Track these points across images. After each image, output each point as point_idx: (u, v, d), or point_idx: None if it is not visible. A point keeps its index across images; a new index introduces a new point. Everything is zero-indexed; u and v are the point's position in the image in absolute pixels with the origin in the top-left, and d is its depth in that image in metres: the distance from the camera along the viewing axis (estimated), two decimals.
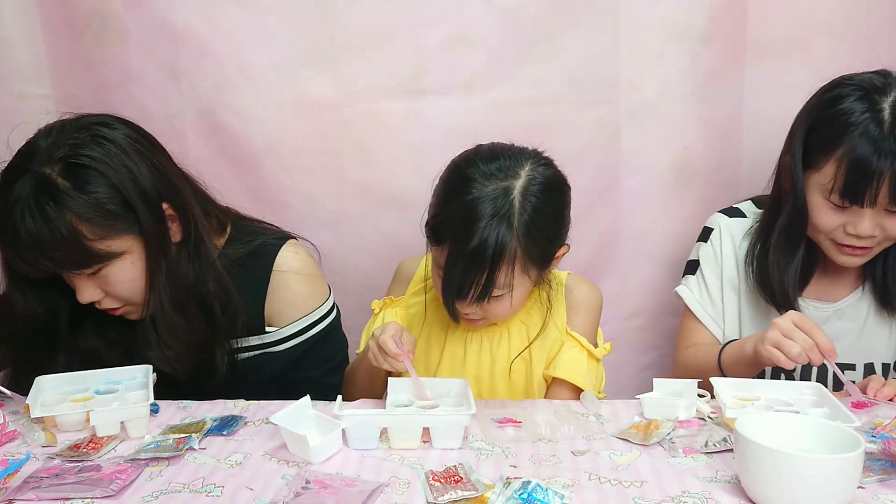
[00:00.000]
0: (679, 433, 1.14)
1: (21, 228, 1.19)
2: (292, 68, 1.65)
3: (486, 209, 1.21)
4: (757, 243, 1.46)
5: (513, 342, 1.39)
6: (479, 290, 1.23)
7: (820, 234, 1.36)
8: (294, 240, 1.46)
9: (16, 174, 1.21)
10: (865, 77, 1.32)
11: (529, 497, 0.95)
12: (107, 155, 1.22)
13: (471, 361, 1.40)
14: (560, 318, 1.39)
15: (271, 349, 1.41)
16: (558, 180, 1.31)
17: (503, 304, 1.28)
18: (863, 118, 1.26)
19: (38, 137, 1.24)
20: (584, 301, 1.42)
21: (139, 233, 1.25)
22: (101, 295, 1.27)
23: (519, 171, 1.25)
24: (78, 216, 1.19)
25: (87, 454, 1.09)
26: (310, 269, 1.44)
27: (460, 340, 1.41)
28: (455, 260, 1.23)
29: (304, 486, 0.99)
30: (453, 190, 1.27)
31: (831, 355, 1.19)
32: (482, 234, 1.20)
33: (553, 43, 1.65)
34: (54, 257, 1.21)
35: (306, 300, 1.42)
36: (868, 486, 0.98)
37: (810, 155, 1.33)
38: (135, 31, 1.62)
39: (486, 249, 1.20)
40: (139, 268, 1.27)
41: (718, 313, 1.51)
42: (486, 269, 1.22)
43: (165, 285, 1.28)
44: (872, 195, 1.26)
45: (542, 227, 1.25)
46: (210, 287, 1.33)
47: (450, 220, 1.25)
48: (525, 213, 1.23)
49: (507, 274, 1.24)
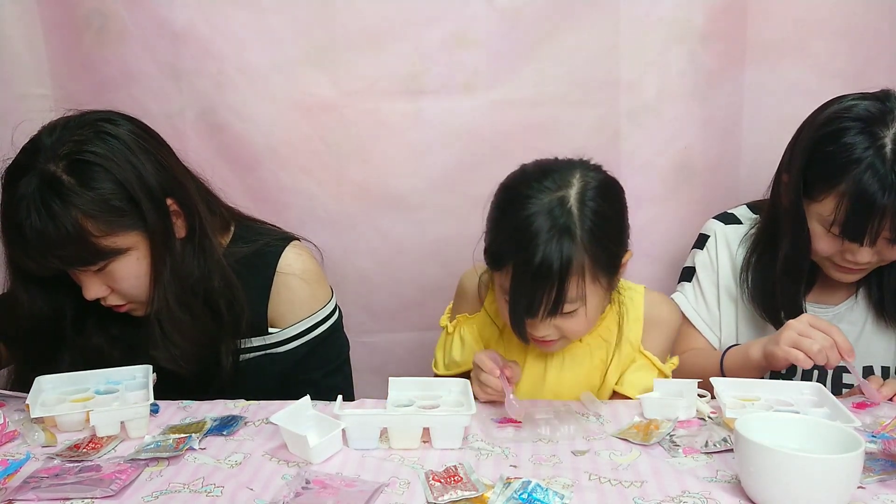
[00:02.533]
0: (679, 433, 1.14)
1: (27, 226, 1.19)
2: (292, 68, 1.65)
3: (544, 222, 1.17)
4: (751, 256, 1.46)
5: (594, 359, 1.35)
6: (549, 305, 1.18)
7: (819, 257, 1.37)
8: (298, 241, 1.46)
9: (21, 172, 1.21)
10: (863, 108, 1.28)
11: (529, 497, 0.95)
12: (111, 151, 1.22)
13: (551, 379, 1.36)
14: (635, 335, 1.35)
15: (273, 350, 1.41)
16: (612, 182, 1.27)
17: (578, 319, 1.23)
18: (866, 155, 1.23)
19: (42, 134, 1.24)
20: (666, 322, 1.39)
21: (144, 229, 1.25)
22: (107, 291, 1.27)
23: (571, 180, 1.21)
24: (83, 213, 1.19)
25: (87, 454, 1.09)
26: (313, 272, 1.44)
27: (541, 359, 1.36)
28: (521, 280, 1.18)
29: (304, 486, 0.99)
30: (508, 211, 1.22)
31: (850, 355, 1.19)
32: (545, 249, 1.15)
33: (553, 43, 1.65)
34: (60, 254, 1.21)
35: (309, 302, 1.42)
36: (868, 486, 0.98)
37: (810, 186, 1.31)
38: (135, 30, 1.62)
39: (551, 264, 1.15)
40: (144, 264, 1.27)
41: (714, 320, 1.51)
42: (556, 284, 1.16)
43: (170, 281, 1.28)
44: (873, 233, 1.25)
45: (605, 232, 1.20)
46: (215, 283, 1.33)
47: (509, 241, 1.20)
48: (586, 219, 1.18)
49: (578, 285, 1.18)
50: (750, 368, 1.32)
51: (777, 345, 1.23)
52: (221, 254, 1.35)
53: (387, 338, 1.83)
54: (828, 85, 1.50)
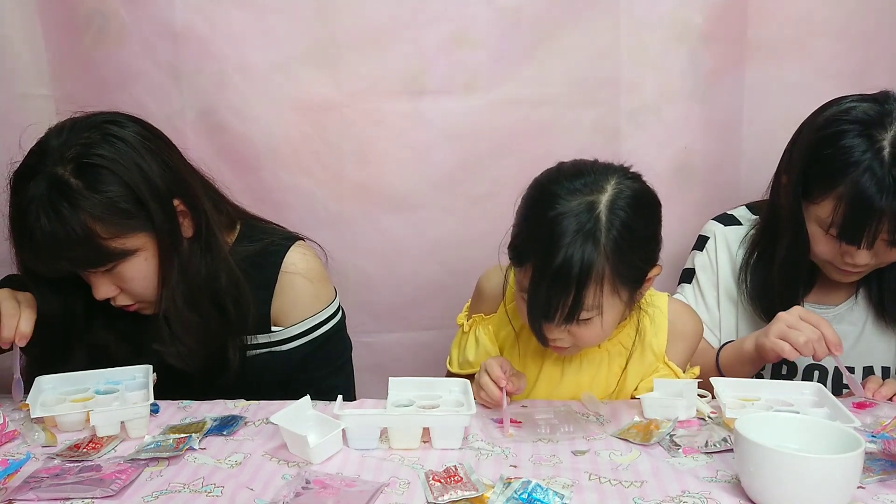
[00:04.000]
0: (679, 433, 1.14)
1: (36, 229, 1.19)
2: (292, 68, 1.65)
3: (570, 225, 1.13)
4: (750, 257, 1.46)
5: (612, 365, 1.34)
6: (566, 311, 1.15)
7: (817, 259, 1.37)
8: (302, 241, 1.47)
9: (29, 175, 1.22)
10: (861, 110, 1.28)
11: (529, 497, 0.95)
12: (118, 154, 1.23)
13: (568, 384, 1.35)
14: (660, 345, 1.34)
15: (276, 348, 1.41)
16: (648, 194, 1.23)
17: (593, 328, 1.20)
18: (864, 158, 1.24)
19: (50, 137, 1.25)
20: (690, 333, 1.37)
21: (152, 230, 1.26)
22: (116, 291, 1.28)
23: (605, 186, 1.17)
24: (91, 216, 1.20)
25: (87, 454, 1.09)
26: (317, 272, 1.44)
27: (558, 362, 1.35)
28: (539, 280, 1.15)
29: (304, 486, 0.99)
30: (535, 208, 1.20)
31: (837, 349, 1.19)
32: (567, 252, 1.12)
33: (553, 43, 1.65)
34: (70, 256, 1.22)
35: (312, 302, 1.43)
36: (868, 486, 0.98)
37: (809, 188, 1.31)
38: (135, 31, 1.62)
39: (571, 267, 1.12)
40: (153, 265, 1.28)
41: (714, 322, 1.51)
42: (573, 289, 1.13)
43: (178, 281, 1.29)
44: (871, 236, 1.25)
45: (631, 244, 1.16)
46: (222, 282, 1.34)
47: (532, 239, 1.18)
48: (613, 228, 1.14)
49: (596, 294, 1.15)
50: (744, 362, 1.32)
51: (766, 336, 1.24)
52: (227, 252, 1.36)
53: (387, 338, 1.83)
54: (828, 85, 1.50)
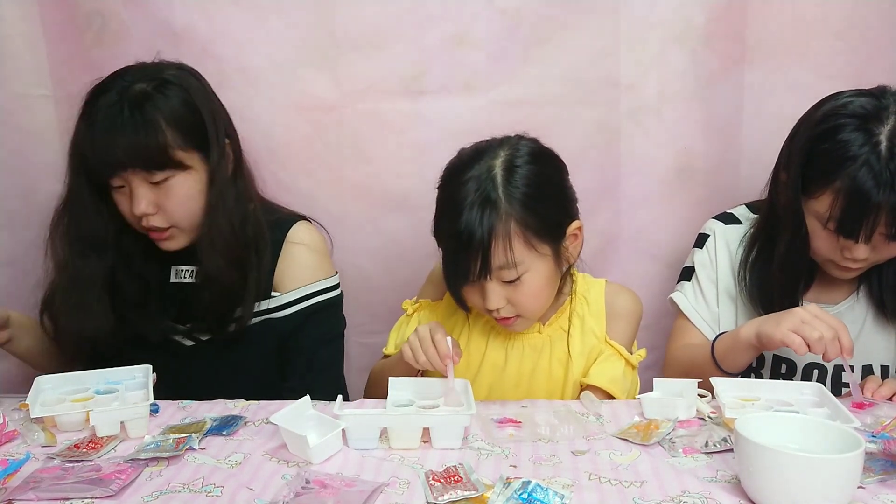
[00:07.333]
0: (679, 433, 1.14)
1: (104, 105, 1.29)
2: (292, 68, 1.65)
3: (470, 189, 1.23)
4: (750, 254, 1.46)
5: (554, 349, 1.38)
6: (477, 270, 1.22)
7: (817, 255, 1.37)
8: (308, 221, 1.54)
9: (105, 89, 1.33)
10: (858, 104, 1.28)
11: (529, 497, 0.95)
12: (190, 83, 1.38)
13: (511, 369, 1.38)
14: (600, 327, 1.38)
15: (274, 315, 1.45)
16: (544, 150, 1.31)
17: (525, 289, 1.26)
18: (861, 151, 1.24)
19: (127, 68, 1.37)
20: (626, 311, 1.41)
21: (206, 155, 1.36)
22: (155, 210, 1.34)
23: (500, 152, 1.27)
24: (165, 119, 1.31)
25: (87, 454, 1.09)
26: (319, 246, 1.52)
27: (501, 348, 1.39)
28: (450, 247, 1.24)
29: (304, 486, 0.99)
30: (442, 189, 1.30)
31: (849, 354, 1.19)
32: (466, 217, 1.21)
33: (553, 43, 1.65)
34: (135, 146, 1.29)
35: (312, 271, 1.49)
36: (868, 486, 0.98)
37: (807, 184, 1.32)
38: (135, 31, 1.62)
39: (472, 230, 1.21)
40: (198, 189, 1.37)
41: (714, 319, 1.51)
42: (480, 250, 1.21)
43: (219, 211, 1.37)
44: (869, 230, 1.25)
45: (534, 196, 1.24)
46: (249, 231, 1.42)
47: (442, 215, 1.28)
48: (510, 184, 1.23)
49: (507, 250, 1.22)
50: (739, 350, 1.31)
51: (777, 326, 1.23)
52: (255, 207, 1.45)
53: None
54: (828, 85, 1.49)
